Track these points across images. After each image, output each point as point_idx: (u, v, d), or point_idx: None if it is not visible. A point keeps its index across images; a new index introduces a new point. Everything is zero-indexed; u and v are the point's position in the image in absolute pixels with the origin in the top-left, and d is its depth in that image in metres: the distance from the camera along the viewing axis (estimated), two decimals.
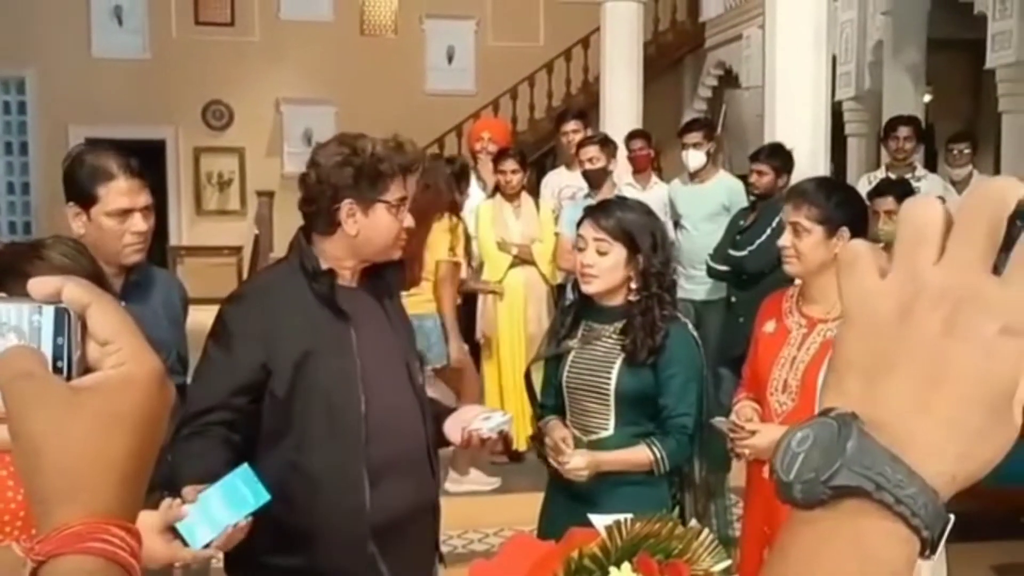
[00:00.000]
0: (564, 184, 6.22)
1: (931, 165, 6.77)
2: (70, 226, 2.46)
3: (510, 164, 5.53)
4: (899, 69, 9.18)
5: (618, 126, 7.28)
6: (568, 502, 2.52)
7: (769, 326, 2.81)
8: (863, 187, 5.84)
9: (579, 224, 2.70)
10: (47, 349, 0.60)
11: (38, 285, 0.60)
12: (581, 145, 5.77)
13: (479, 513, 4.85)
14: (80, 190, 2.43)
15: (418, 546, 2.42)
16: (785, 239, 2.70)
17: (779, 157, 5.22)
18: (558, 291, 5.59)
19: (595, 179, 5.59)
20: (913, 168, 6.13)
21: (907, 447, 0.47)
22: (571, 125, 6.29)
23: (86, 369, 0.60)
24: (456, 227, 5.05)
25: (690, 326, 2.71)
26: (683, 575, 1.75)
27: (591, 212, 2.73)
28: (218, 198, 14.10)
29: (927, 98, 10.06)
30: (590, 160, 5.59)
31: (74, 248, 1.81)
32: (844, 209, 2.69)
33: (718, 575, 1.80)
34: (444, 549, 2.59)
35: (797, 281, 2.85)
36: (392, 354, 2.37)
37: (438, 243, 4.98)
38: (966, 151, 6.39)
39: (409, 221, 2.33)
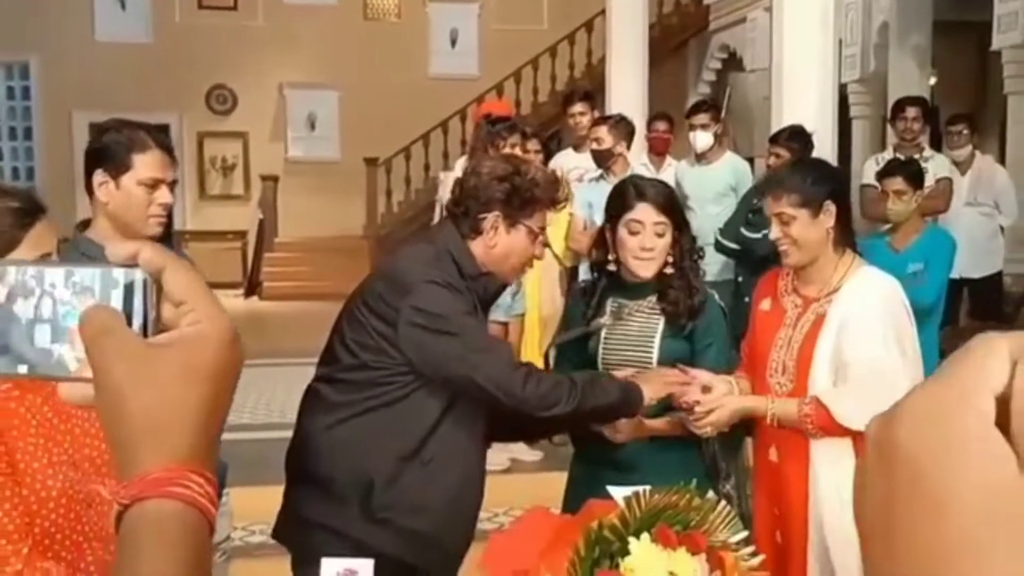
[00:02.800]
0: (572, 166, 6.21)
1: (936, 147, 6.78)
2: (91, 199, 2.48)
3: (533, 144, 5.54)
4: (905, 51, 9.16)
5: (623, 109, 7.24)
6: (610, 472, 2.48)
7: (765, 304, 2.81)
8: (871, 168, 5.85)
9: (626, 208, 2.66)
10: (125, 309, 0.63)
11: (115, 249, 0.64)
12: (593, 125, 5.81)
13: (488, 492, 4.86)
14: (114, 157, 2.48)
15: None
16: (775, 232, 2.68)
17: (798, 140, 5.18)
18: (571, 273, 5.59)
19: (600, 160, 5.62)
20: (921, 149, 6.13)
21: None
22: (578, 107, 6.30)
23: (162, 329, 0.63)
24: None
25: (716, 296, 2.76)
26: (701, 546, 1.77)
27: (645, 196, 2.67)
28: (222, 183, 14.12)
29: (932, 80, 10.03)
30: (596, 141, 5.62)
31: None
32: (822, 184, 2.69)
33: (735, 546, 1.82)
34: None
35: None
36: None
37: None
38: (964, 132, 6.40)
39: (540, 251, 2.49)
